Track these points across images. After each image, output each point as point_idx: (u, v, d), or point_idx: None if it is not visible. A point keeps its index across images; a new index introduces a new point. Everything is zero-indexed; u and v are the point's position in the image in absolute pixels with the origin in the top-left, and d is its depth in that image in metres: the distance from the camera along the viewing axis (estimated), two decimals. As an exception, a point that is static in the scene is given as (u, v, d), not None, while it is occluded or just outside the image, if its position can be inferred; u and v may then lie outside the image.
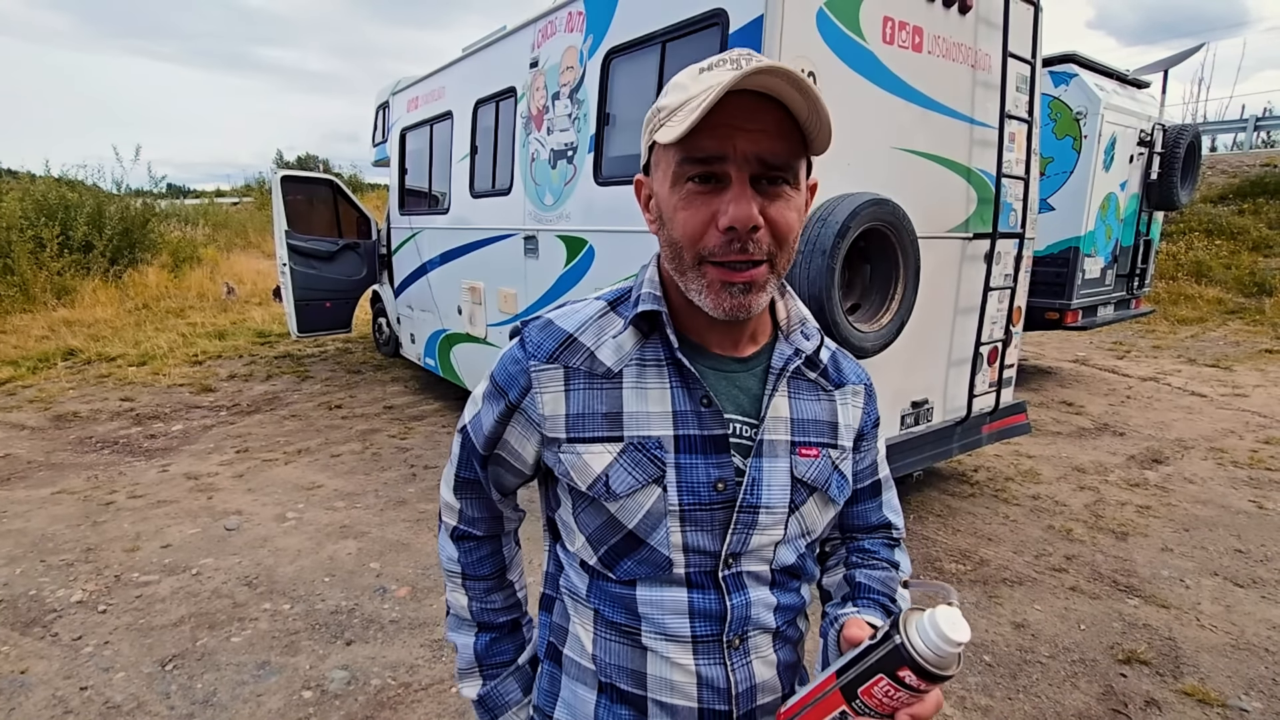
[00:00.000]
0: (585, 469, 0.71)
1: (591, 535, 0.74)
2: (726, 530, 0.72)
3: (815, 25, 2.46)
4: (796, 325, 0.79)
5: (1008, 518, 3.52)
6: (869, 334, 2.67)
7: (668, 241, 0.69)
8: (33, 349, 7.36)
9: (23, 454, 4.52)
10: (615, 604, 0.74)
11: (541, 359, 0.73)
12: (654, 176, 0.71)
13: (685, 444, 0.71)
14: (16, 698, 2.24)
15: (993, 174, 3.13)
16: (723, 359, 0.75)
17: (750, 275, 0.65)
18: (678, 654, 0.73)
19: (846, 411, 0.81)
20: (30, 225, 9.84)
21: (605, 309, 0.76)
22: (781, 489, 0.74)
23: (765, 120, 0.62)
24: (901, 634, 0.58)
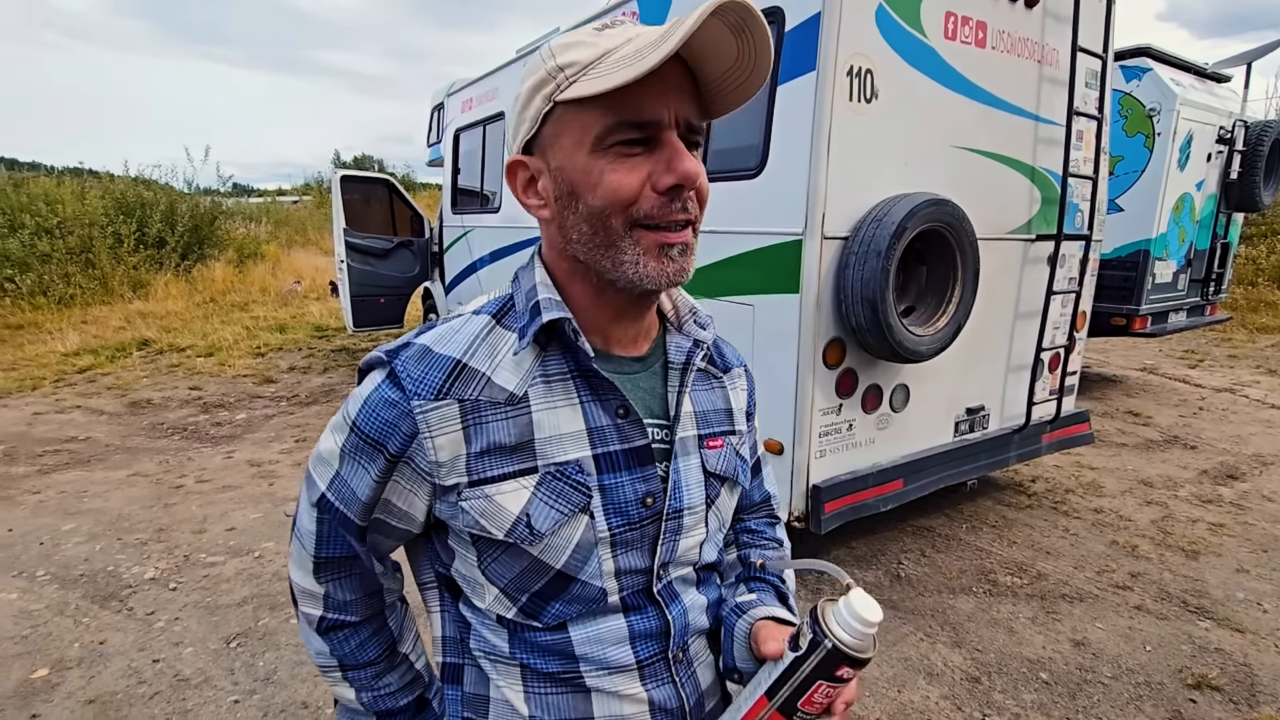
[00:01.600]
0: (499, 513, 0.62)
1: (508, 586, 0.65)
2: (656, 544, 0.67)
3: (874, 22, 2.41)
4: (688, 315, 0.75)
5: (1068, 531, 3.38)
6: (924, 337, 2.61)
7: (587, 215, 0.61)
8: (111, 339, 7.81)
9: (101, 438, 4.81)
10: (547, 653, 0.66)
11: (427, 396, 0.61)
12: (553, 150, 0.61)
13: (607, 462, 0.65)
14: (96, 666, 2.38)
15: (1058, 173, 3.01)
16: (623, 360, 0.69)
17: (685, 236, 0.62)
18: (625, 685, 0.67)
19: (737, 395, 0.80)
20: (110, 222, 10.44)
21: (490, 324, 0.65)
22: (698, 486, 0.71)
23: (682, 81, 0.60)
24: (830, 637, 0.58)
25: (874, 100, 2.46)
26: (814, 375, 2.57)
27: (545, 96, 0.60)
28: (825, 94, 2.37)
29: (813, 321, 2.52)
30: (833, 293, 2.54)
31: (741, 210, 2.78)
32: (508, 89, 4.96)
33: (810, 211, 2.45)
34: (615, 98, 0.56)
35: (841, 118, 2.40)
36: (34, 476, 4.10)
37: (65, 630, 2.59)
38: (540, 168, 0.63)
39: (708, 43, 0.58)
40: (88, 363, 6.85)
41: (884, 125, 2.51)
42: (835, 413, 2.68)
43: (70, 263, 9.75)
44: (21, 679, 2.32)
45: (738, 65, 0.60)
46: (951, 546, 3.23)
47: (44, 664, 2.39)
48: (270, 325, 8.83)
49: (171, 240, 11.12)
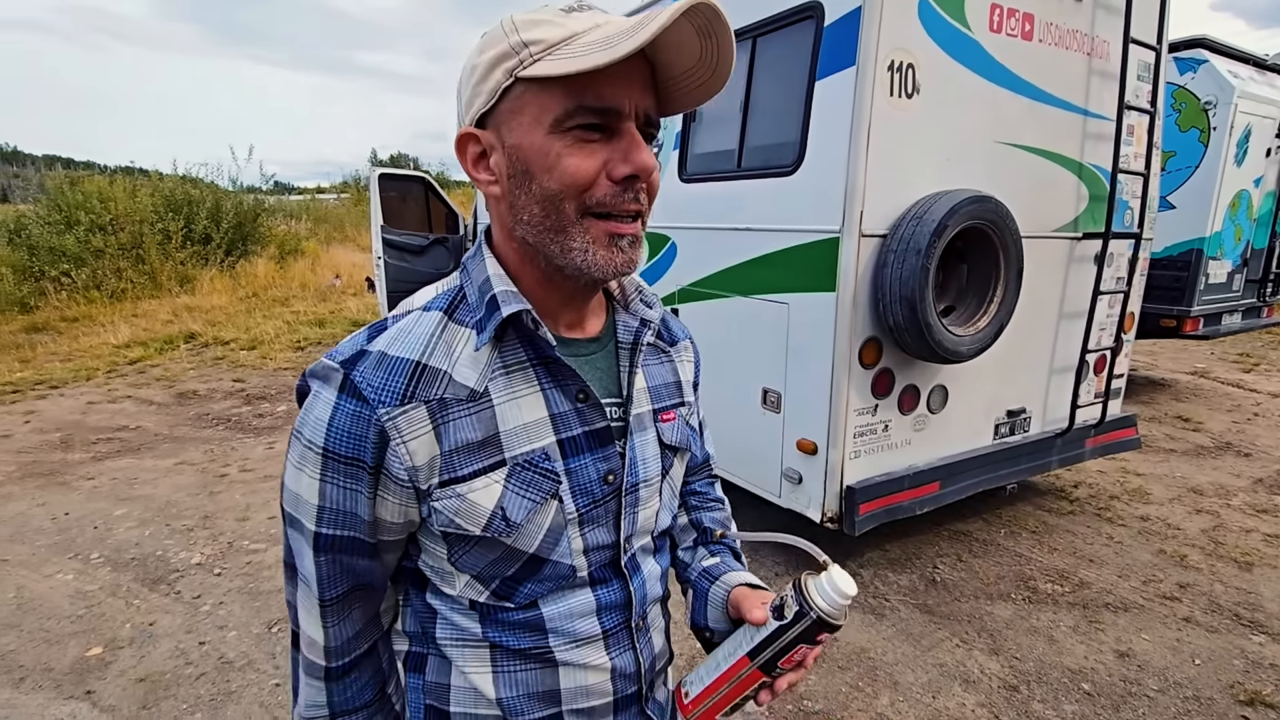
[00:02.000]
0: (474, 510, 0.62)
1: (481, 573, 0.66)
2: (619, 518, 0.70)
3: (917, 15, 2.36)
4: (634, 294, 0.76)
5: (1111, 539, 3.28)
6: (964, 338, 2.55)
7: (539, 197, 0.60)
8: (159, 331, 8.09)
9: (151, 427, 4.99)
10: (518, 630, 0.68)
11: (392, 403, 0.59)
12: (509, 126, 0.60)
13: (570, 446, 0.66)
14: (146, 647, 2.48)
15: (1107, 169, 2.92)
16: (577, 342, 0.70)
17: (634, 228, 0.63)
18: (591, 656, 0.71)
19: (684, 368, 0.83)
20: (159, 219, 10.81)
21: (443, 320, 0.64)
22: (654, 459, 0.74)
23: (644, 74, 0.61)
24: (815, 609, 0.67)
25: (915, 95, 2.42)
26: (849, 375, 2.54)
27: (506, 70, 0.58)
28: (865, 89, 2.33)
29: (849, 320, 2.49)
30: (870, 291, 2.50)
31: (776, 207, 2.75)
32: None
33: (848, 209, 2.42)
34: (579, 82, 0.56)
35: (881, 113, 2.36)
36: (89, 463, 4.28)
37: (118, 611, 2.70)
38: (493, 143, 0.62)
39: (674, 41, 0.58)
40: (138, 354, 7.12)
41: (925, 121, 2.46)
42: (871, 413, 2.64)
43: (122, 258, 10.13)
44: (78, 656, 2.42)
45: (700, 66, 0.61)
46: (989, 551, 3.16)
47: (98, 643, 2.50)
48: (309, 320, 9.04)
49: (216, 237, 11.47)
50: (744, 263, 2.92)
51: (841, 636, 2.52)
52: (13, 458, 4.36)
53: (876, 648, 2.47)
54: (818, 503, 2.66)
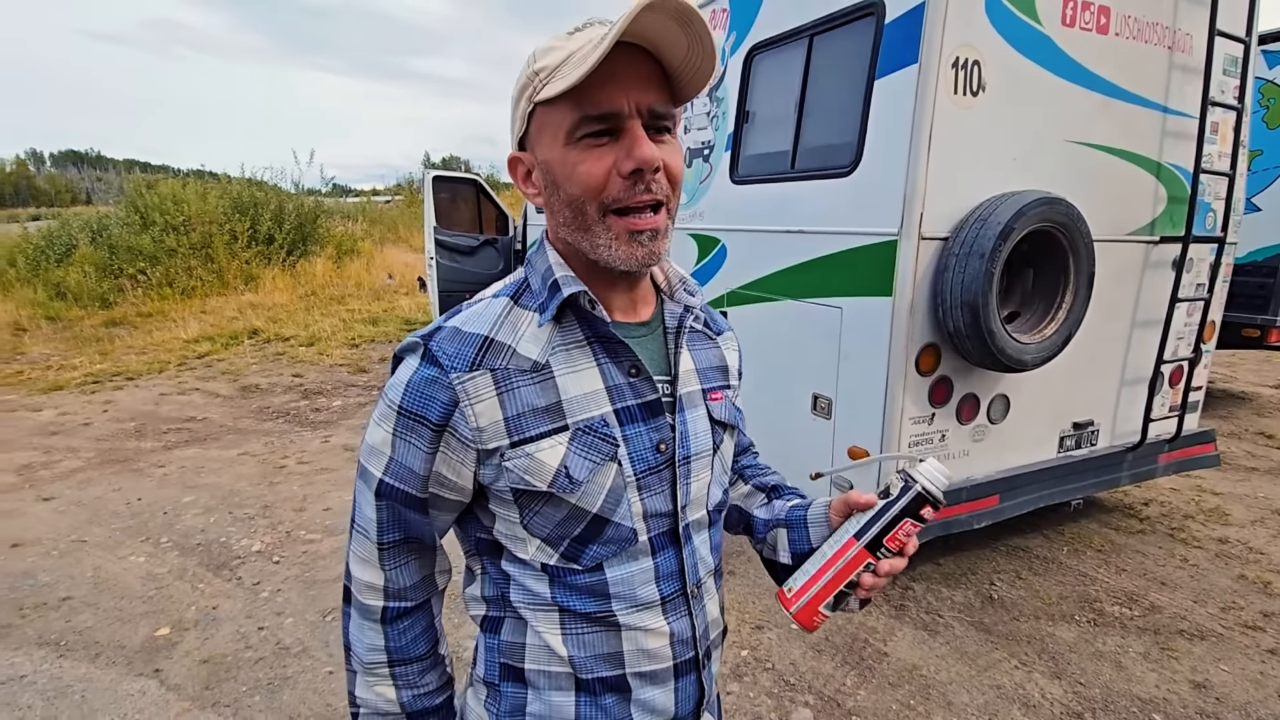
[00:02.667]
0: (540, 468, 0.68)
1: (549, 535, 0.72)
2: (674, 487, 0.75)
3: (984, 11, 2.27)
4: (678, 284, 0.81)
5: (1186, 561, 3.09)
6: (1029, 345, 2.44)
7: (566, 202, 0.67)
8: (225, 327, 8.47)
9: (216, 418, 5.22)
10: (584, 594, 0.73)
11: (462, 369, 0.67)
12: (538, 145, 0.69)
13: (626, 415, 0.72)
14: (210, 629, 2.58)
15: (1188, 169, 2.76)
16: (629, 325, 0.76)
17: (654, 222, 0.67)
18: (651, 620, 0.75)
19: (730, 355, 0.89)
20: (227, 220, 11.33)
21: (509, 304, 0.73)
22: (705, 434, 0.79)
23: (644, 72, 0.65)
24: (919, 482, 0.72)
25: (981, 93, 2.33)
26: (905, 382, 2.46)
27: (528, 99, 0.67)
28: (927, 87, 2.26)
29: (905, 326, 2.41)
30: (929, 296, 2.42)
31: (831, 209, 2.69)
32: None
33: (907, 211, 2.35)
34: (578, 94, 0.62)
35: (944, 112, 2.28)
36: (160, 451, 4.50)
37: (184, 594, 2.82)
38: (531, 162, 0.71)
39: (658, 34, 0.62)
40: (206, 349, 7.47)
41: (991, 119, 2.37)
42: (927, 422, 2.55)
43: (192, 257, 10.66)
44: (147, 635, 2.54)
45: (691, 53, 0.65)
46: (1051, 570, 3.02)
47: (166, 623, 2.62)
48: (364, 318, 9.33)
49: (279, 237, 11.95)
50: (796, 265, 2.87)
51: (893, 652, 2.45)
52: (93, 444, 4.62)
53: (929, 665, 2.39)
54: (869, 513, 2.59)
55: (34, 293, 9.70)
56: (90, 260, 10.30)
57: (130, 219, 11.18)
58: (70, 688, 2.26)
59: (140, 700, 2.21)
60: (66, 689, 2.26)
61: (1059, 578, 2.95)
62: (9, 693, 2.23)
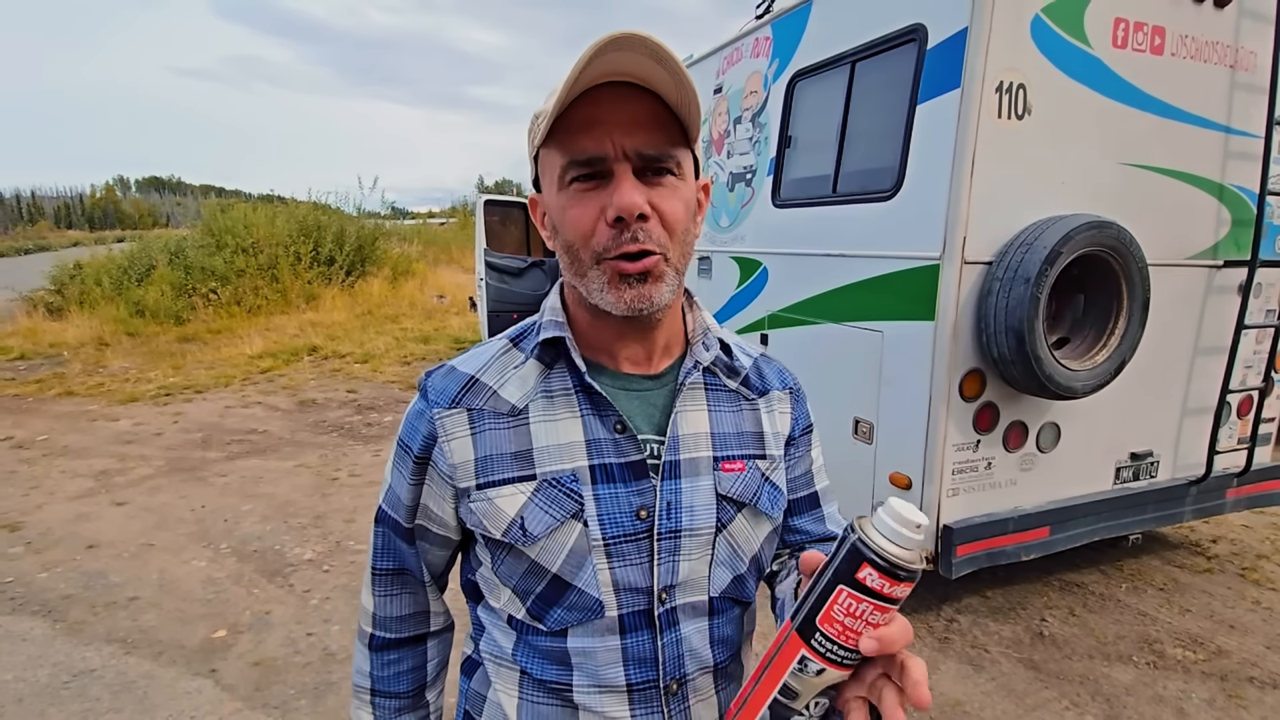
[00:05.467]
0: (497, 514, 0.66)
1: (516, 586, 0.69)
2: (653, 562, 0.67)
3: (1030, 35, 2.26)
4: (699, 336, 0.74)
5: (1258, 603, 2.90)
6: (1079, 372, 2.37)
7: (563, 247, 0.66)
8: (287, 344, 8.87)
9: (275, 431, 5.46)
10: (545, 658, 0.69)
11: (444, 405, 0.69)
12: (544, 188, 0.68)
13: (602, 473, 0.67)
14: (263, 633, 2.70)
15: (1253, 191, 2.64)
16: (634, 378, 0.71)
17: (644, 264, 0.62)
18: (612, 706, 0.67)
19: (773, 419, 0.77)
20: (292, 242, 11.93)
21: (507, 346, 0.72)
22: (706, 509, 0.69)
23: (637, 111, 0.61)
24: (857, 530, 0.50)
25: (1026, 116, 2.30)
26: (948, 408, 2.41)
27: (532, 144, 0.66)
28: (970, 112, 2.24)
29: (948, 351, 2.37)
30: (973, 321, 2.38)
31: (873, 233, 2.68)
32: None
33: (949, 234, 2.32)
34: (564, 140, 0.61)
35: (988, 136, 2.26)
36: (222, 461, 4.74)
37: (240, 598, 2.96)
38: (542, 204, 0.70)
39: (644, 73, 0.59)
40: (268, 365, 7.83)
41: (1037, 143, 2.34)
42: (972, 449, 2.50)
43: (259, 277, 11.24)
44: (205, 636, 2.68)
45: (679, 91, 0.61)
46: (1107, 607, 2.88)
47: (223, 626, 2.75)
48: (416, 337, 9.63)
49: (340, 258, 12.50)
50: (837, 289, 2.86)
51: (935, 686, 2.37)
52: (163, 453, 4.90)
53: (974, 701, 2.30)
54: (911, 541, 2.53)
55: (117, 310, 10.38)
56: (167, 280, 10.97)
57: (205, 241, 11.88)
58: (134, 683, 2.40)
59: (197, 699, 2.32)
60: (131, 684, 2.39)
61: (1116, 616, 2.81)
62: (80, 685, 2.38)
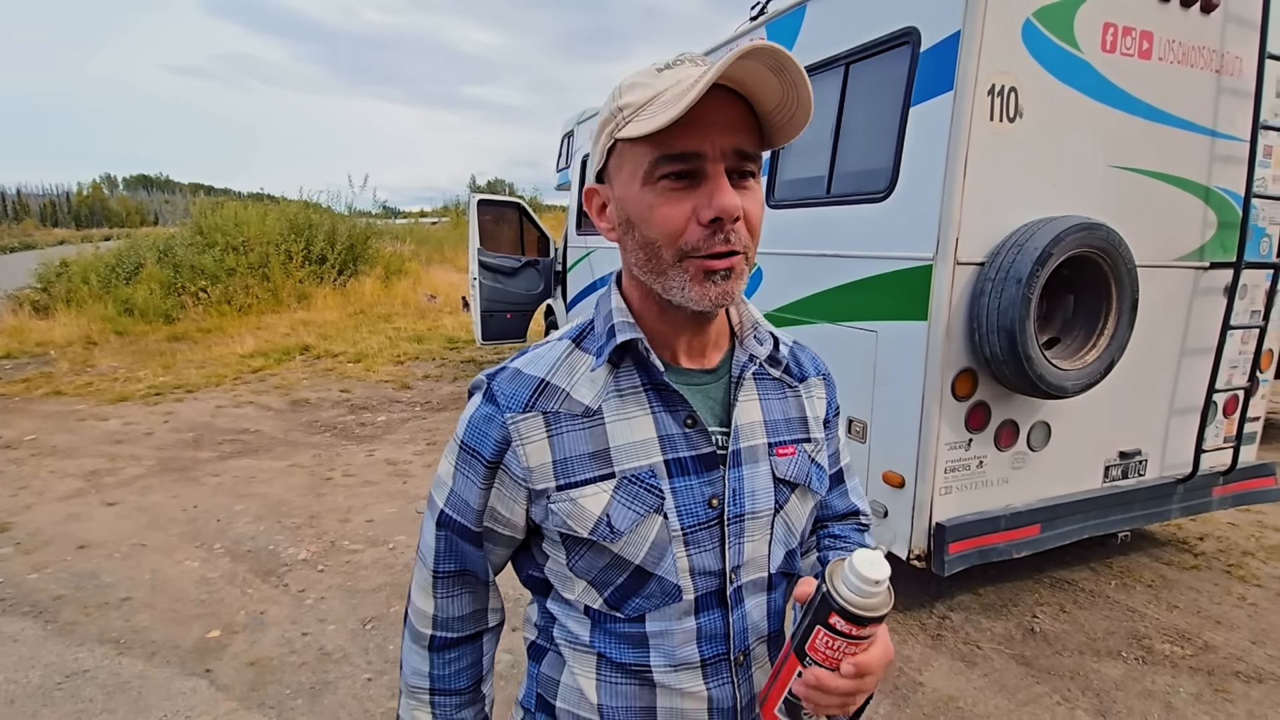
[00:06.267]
0: (583, 514, 0.68)
1: (594, 579, 0.71)
2: (724, 545, 0.71)
3: (1021, 39, 2.29)
4: (749, 330, 0.77)
5: (1244, 599, 2.95)
6: (1070, 372, 2.41)
7: (641, 243, 0.66)
8: (279, 343, 8.83)
9: (268, 430, 5.44)
10: (623, 642, 0.71)
11: (517, 409, 0.69)
12: (616, 180, 0.67)
13: (677, 467, 0.70)
14: (257, 633, 2.69)
15: (1239, 194, 2.69)
16: (693, 373, 0.74)
17: (730, 262, 0.64)
18: (689, 682, 0.72)
19: (813, 404, 0.82)
20: (283, 241, 11.86)
21: (570, 347, 0.73)
22: (765, 492, 0.74)
23: (733, 115, 0.63)
24: (827, 583, 0.60)
25: (1018, 119, 2.33)
26: (940, 407, 2.44)
27: (609, 133, 0.66)
28: (963, 114, 2.27)
29: (941, 351, 2.40)
30: (965, 321, 2.41)
31: (867, 234, 2.71)
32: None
33: (942, 236, 2.35)
34: (660, 135, 0.61)
35: (980, 138, 2.29)
36: (215, 461, 4.72)
37: (234, 598, 2.95)
38: (609, 196, 0.70)
39: (752, 81, 0.61)
40: (260, 364, 7.79)
41: (1029, 145, 2.37)
42: (964, 448, 2.53)
43: (250, 276, 11.17)
44: (199, 637, 2.67)
45: (785, 100, 0.63)
46: (1097, 604, 2.92)
47: (217, 626, 2.74)
48: (409, 336, 9.61)
49: (331, 257, 12.44)
50: (831, 289, 2.88)
51: (928, 682, 2.40)
52: (154, 453, 4.87)
53: (966, 698, 2.33)
54: (904, 539, 2.56)
55: (104, 308, 10.29)
56: (156, 278, 10.88)
57: (194, 240, 11.80)
58: (128, 684, 2.39)
59: (192, 699, 2.32)
60: (125, 685, 2.38)
61: (1106, 612, 2.85)
62: (73, 686, 2.37)
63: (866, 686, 0.62)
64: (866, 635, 0.60)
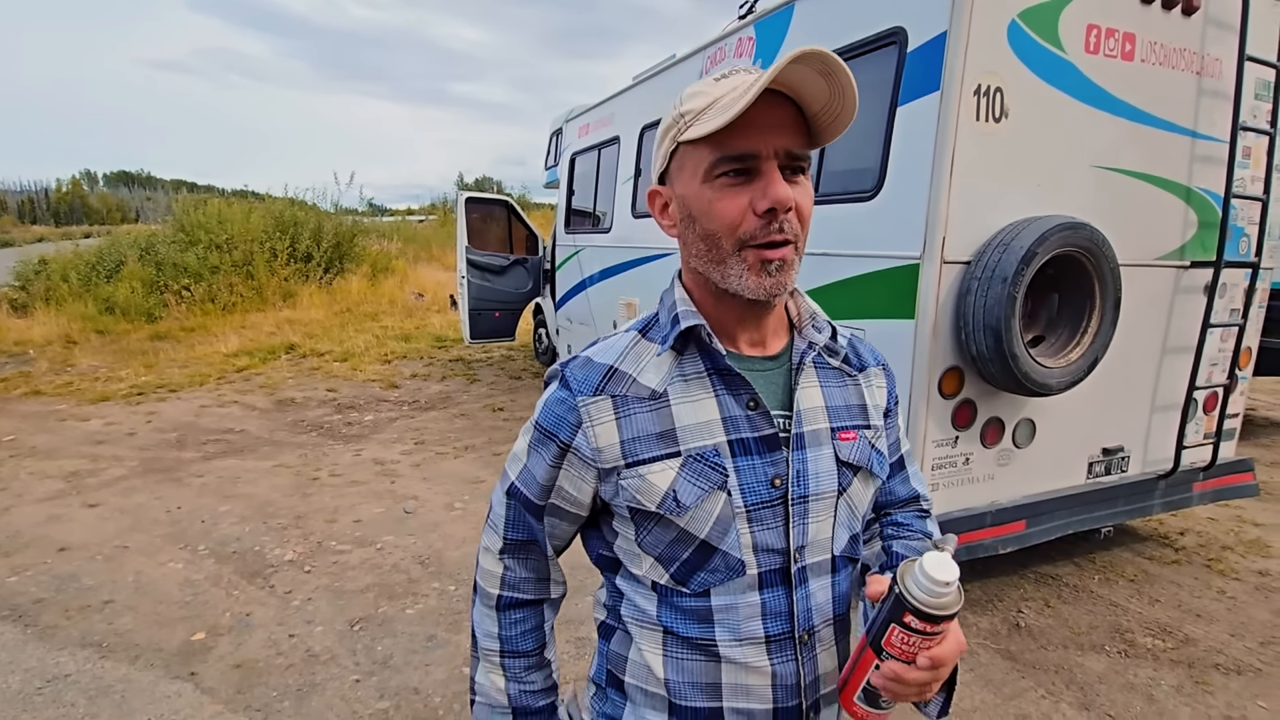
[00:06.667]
0: (651, 489, 0.73)
1: (661, 554, 0.76)
2: (788, 525, 0.75)
3: (1006, 39, 2.31)
4: (808, 320, 0.82)
5: (1223, 593, 3.00)
6: (1054, 370, 2.43)
7: (702, 235, 0.72)
8: (264, 342, 8.74)
9: (253, 430, 5.38)
10: (689, 617, 0.75)
11: (588, 393, 0.75)
12: (677, 180, 0.74)
13: (740, 447, 0.74)
14: (243, 635, 2.66)
15: (1219, 194, 2.73)
16: (754, 359, 0.79)
17: (783, 254, 0.70)
18: (753, 656, 0.75)
19: (872, 392, 0.86)
20: (268, 238, 11.73)
21: (636, 338, 0.79)
22: (829, 475, 0.78)
23: (783, 116, 0.69)
24: (900, 584, 0.64)
25: (1004, 119, 2.35)
26: (927, 404, 2.46)
27: (671, 138, 0.73)
28: (949, 114, 2.29)
29: (928, 349, 2.42)
30: (952, 319, 2.43)
31: (855, 233, 2.72)
32: (622, 114, 5.14)
33: (929, 235, 2.37)
34: (717, 137, 0.68)
35: (966, 138, 2.31)
36: (199, 462, 4.66)
37: (219, 600, 2.92)
38: (670, 195, 0.77)
39: (801, 84, 0.67)
40: (245, 363, 7.71)
41: (1014, 145, 2.39)
42: (950, 445, 2.55)
43: (234, 274, 11.04)
44: (184, 639, 2.64)
45: (831, 102, 0.69)
46: (1080, 598, 2.96)
47: (202, 628, 2.71)
48: (396, 335, 9.54)
49: (317, 255, 12.32)
50: (819, 288, 2.90)
51: (915, 677, 2.41)
52: (136, 454, 4.81)
53: (953, 692, 2.35)
54: (892, 536, 2.58)
55: (85, 307, 10.13)
56: (138, 276, 10.73)
57: (177, 237, 11.64)
58: (111, 687, 2.35)
59: (176, 702, 2.29)
60: (108, 689, 2.35)
61: (1089, 607, 2.89)
62: (55, 690, 2.33)
63: (941, 676, 0.66)
64: (939, 631, 0.64)
